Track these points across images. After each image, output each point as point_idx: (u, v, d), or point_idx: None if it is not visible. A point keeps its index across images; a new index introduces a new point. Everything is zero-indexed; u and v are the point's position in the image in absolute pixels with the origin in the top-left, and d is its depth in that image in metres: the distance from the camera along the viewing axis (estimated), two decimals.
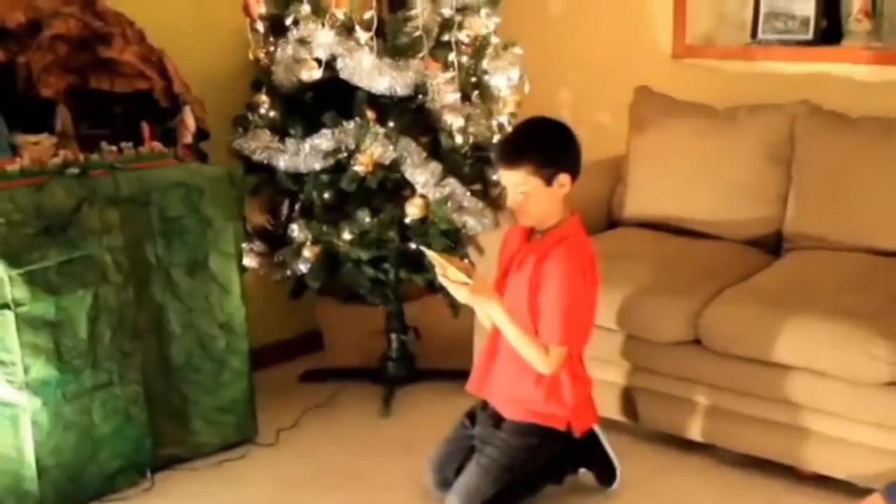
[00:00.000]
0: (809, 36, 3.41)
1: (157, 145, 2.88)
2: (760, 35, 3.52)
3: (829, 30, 3.41)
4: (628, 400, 2.94)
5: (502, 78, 3.23)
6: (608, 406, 2.93)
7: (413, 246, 3.10)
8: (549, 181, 2.48)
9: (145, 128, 2.90)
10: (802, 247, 3.10)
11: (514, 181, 2.50)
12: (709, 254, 3.06)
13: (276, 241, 3.24)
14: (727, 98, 3.33)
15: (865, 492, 2.35)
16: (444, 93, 3.07)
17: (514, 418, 2.59)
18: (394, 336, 3.43)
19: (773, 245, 3.16)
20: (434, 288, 3.28)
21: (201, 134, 3.06)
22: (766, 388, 2.67)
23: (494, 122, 3.23)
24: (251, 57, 3.21)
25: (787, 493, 2.69)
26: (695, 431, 2.83)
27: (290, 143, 3.11)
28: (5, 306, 2.50)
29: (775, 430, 2.69)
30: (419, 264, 3.15)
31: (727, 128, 3.23)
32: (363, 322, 3.60)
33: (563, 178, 2.50)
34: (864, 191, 3.00)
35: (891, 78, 3.25)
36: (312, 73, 3.05)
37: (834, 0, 3.43)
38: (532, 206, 2.51)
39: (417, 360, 3.49)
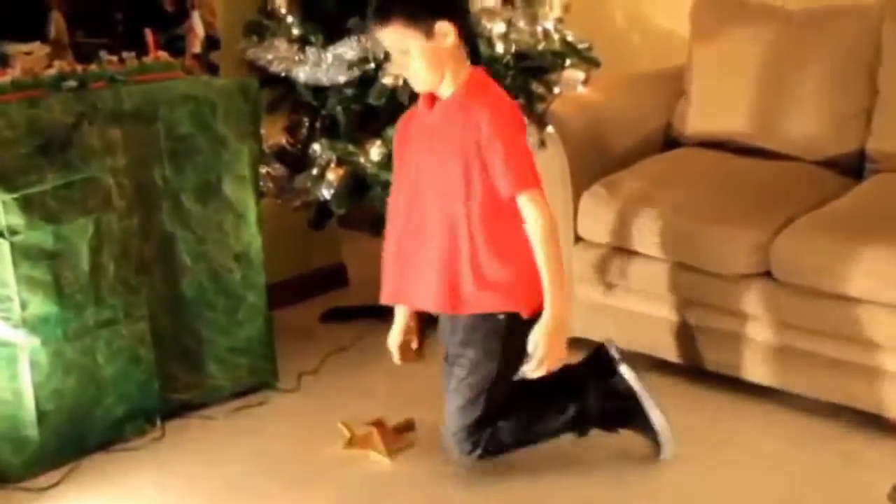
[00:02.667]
0: None
1: (163, 55, 2.92)
2: None
3: None
4: (686, 339, 2.96)
5: None
6: (662, 346, 2.98)
7: None
8: (427, 34, 2.43)
9: (149, 35, 2.96)
10: (889, 168, 3.11)
11: (391, 41, 2.48)
12: (781, 176, 3.09)
13: (295, 162, 3.28)
14: None
15: None
16: None
17: (463, 312, 2.55)
18: None
19: (854, 166, 3.18)
20: None
21: (211, 42, 3.15)
22: (846, 327, 2.69)
23: (539, 28, 3.25)
24: None
25: (872, 445, 2.68)
26: (762, 374, 2.85)
27: (311, 52, 3.14)
28: None
29: (857, 374, 2.70)
30: None
31: (803, 32, 3.25)
32: None
33: (444, 27, 2.42)
34: None
35: None
36: None
37: None
38: (418, 68, 2.46)
39: None
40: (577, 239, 3.12)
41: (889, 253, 2.61)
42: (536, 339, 2.42)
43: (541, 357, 2.43)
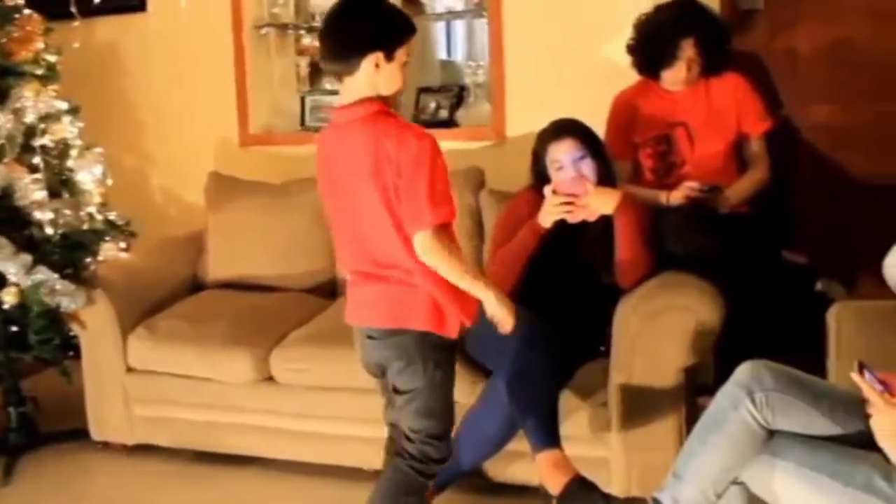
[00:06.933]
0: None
1: None
2: (308, 123, 3.97)
3: None
4: (214, 434, 3.19)
5: (87, 174, 3.36)
6: (196, 441, 3.22)
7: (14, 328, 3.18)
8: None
9: None
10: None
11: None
12: (276, 304, 3.35)
13: None
14: (286, 175, 3.63)
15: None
16: (32, 191, 3.17)
17: None
18: (12, 409, 3.44)
19: (328, 290, 3.49)
20: (48, 362, 3.37)
21: None
22: (317, 408, 3.02)
23: (84, 212, 3.35)
24: None
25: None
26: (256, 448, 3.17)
27: None
28: None
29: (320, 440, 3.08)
30: (24, 344, 3.24)
31: (283, 200, 3.56)
32: None
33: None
34: None
35: None
36: None
37: None
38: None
39: (39, 427, 3.50)
40: (129, 369, 3.23)
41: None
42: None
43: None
